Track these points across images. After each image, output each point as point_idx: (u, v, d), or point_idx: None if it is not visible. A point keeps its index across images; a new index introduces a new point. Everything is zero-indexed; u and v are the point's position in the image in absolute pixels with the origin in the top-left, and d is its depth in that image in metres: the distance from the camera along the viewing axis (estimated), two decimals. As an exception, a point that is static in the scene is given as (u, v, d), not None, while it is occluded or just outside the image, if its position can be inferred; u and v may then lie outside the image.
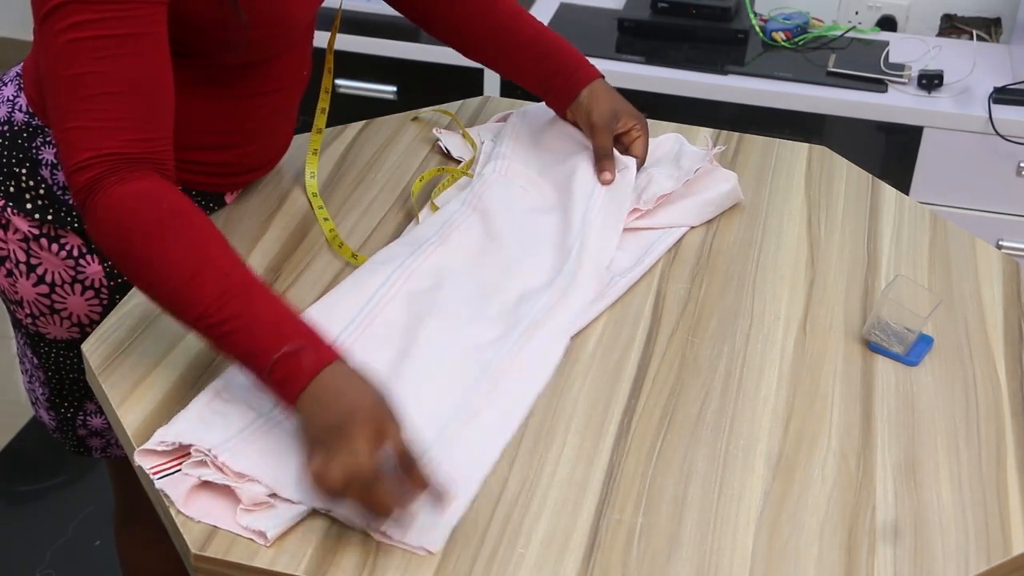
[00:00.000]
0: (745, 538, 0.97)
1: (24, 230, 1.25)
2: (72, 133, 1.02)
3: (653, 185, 1.36)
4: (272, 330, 0.97)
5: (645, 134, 1.39)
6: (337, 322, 1.14)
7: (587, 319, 1.19)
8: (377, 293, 1.17)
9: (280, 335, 0.97)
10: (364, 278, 1.20)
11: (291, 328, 0.98)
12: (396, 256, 1.23)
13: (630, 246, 1.30)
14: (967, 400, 1.13)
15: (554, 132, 1.43)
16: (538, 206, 1.34)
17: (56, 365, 1.35)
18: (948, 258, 1.33)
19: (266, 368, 0.96)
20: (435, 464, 0.98)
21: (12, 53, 3.31)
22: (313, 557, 0.93)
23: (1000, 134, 2.08)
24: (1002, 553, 0.97)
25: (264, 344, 0.97)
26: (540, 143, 1.43)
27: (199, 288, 0.98)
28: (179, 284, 0.99)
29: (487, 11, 1.39)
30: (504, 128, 1.48)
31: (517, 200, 1.34)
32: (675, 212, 1.35)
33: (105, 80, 1.01)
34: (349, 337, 1.13)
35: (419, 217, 1.32)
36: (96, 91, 1.01)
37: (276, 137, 1.33)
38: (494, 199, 1.32)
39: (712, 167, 1.40)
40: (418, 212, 1.33)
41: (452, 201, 1.33)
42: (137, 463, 1.00)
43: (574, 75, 1.38)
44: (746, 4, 2.35)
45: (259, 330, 0.97)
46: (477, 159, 1.42)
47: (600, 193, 1.32)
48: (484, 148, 1.44)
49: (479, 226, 1.28)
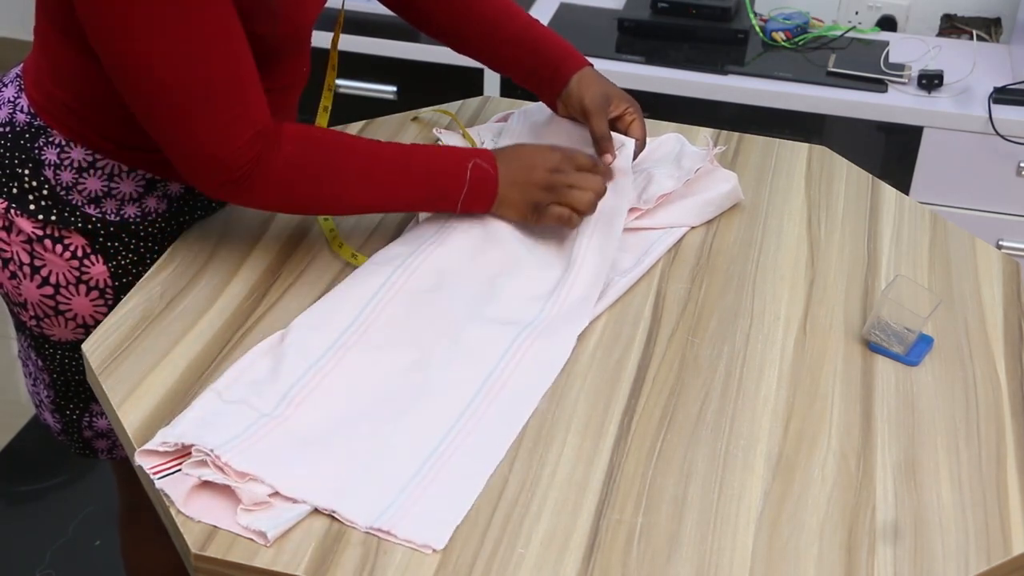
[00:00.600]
0: (745, 538, 0.97)
1: (28, 231, 1.25)
2: (223, 115, 1.10)
3: (653, 185, 1.36)
4: (452, 157, 1.23)
5: (640, 116, 1.39)
6: (337, 323, 1.14)
7: (588, 319, 1.19)
8: (377, 294, 1.17)
9: (458, 159, 1.23)
10: (364, 279, 1.20)
11: (460, 153, 1.24)
12: (396, 256, 1.23)
13: (630, 246, 1.30)
14: (967, 400, 1.13)
15: (554, 127, 1.43)
16: None
17: (61, 367, 1.35)
18: (948, 258, 1.33)
19: (461, 187, 1.23)
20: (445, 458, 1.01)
21: (12, 53, 3.31)
22: (313, 557, 0.93)
23: (1000, 134, 2.08)
24: (1002, 553, 0.97)
25: (453, 169, 1.23)
26: (541, 141, 1.43)
27: (390, 177, 1.20)
28: (377, 191, 1.20)
29: (473, 8, 1.40)
30: (504, 128, 1.48)
31: None
32: (675, 212, 1.35)
33: (231, 61, 1.09)
34: (350, 338, 1.13)
35: (419, 217, 1.32)
36: (228, 74, 1.09)
37: None
38: None
39: (712, 167, 1.40)
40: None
41: None
42: (137, 463, 1.00)
43: (563, 64, 1.38)
44: (746, 4, 2.35)
45: (444, 161, 1.23)
46: None
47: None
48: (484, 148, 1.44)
49: (479, 226, 1.28)
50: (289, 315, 1.18)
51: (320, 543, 0.94)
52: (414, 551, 0.94)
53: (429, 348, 1.12)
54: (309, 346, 1.10)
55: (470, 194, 1.24)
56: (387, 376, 1.09)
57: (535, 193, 1.25)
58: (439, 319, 1.16)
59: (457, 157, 1.23)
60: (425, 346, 1.13)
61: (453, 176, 1.22)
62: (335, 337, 1.12)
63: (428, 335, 1.14)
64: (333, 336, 1.12)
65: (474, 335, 1.14)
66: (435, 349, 1.12)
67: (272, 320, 1.18)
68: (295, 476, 0.98)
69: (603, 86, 1.37)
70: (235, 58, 1.09)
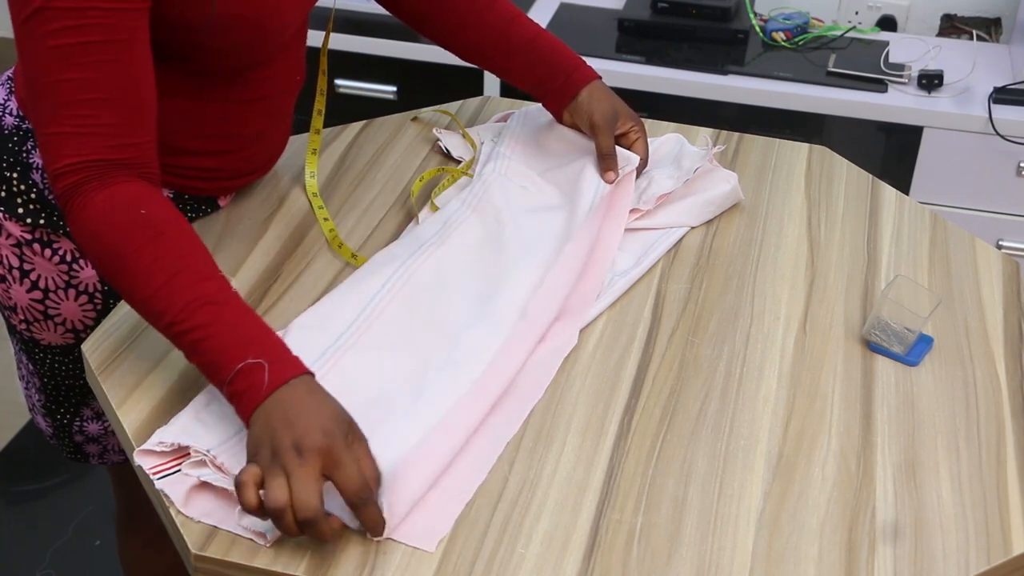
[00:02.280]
0: (745, 538, 0.97)
1: (16, 235, 1.25)
2: (54, 138, 1.02)
3: (653, 185, 1.36)
4: (238, 342, 0.97)
5: (644, 135, 1.39)
6: (336, 324, 1.14)
7: (588, 319, 1.19)
8: (377, 295, 1.17)
9: (245, 348, 0.96)
10: (364, 279, 1.19)
11: (258, 342, 0.97)
12: (396, 257, 1.23)
13: (630, 246, 1.30)
14: (967, 400, 1.13)
15: (555, 133, 1.43)
16: (539, 206, 1.34)
17: (51, 371, 1.35)
18: (948, 258, 1.33)
19: (227, 379, 0.96)
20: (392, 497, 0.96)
21: (12, 53, 3.31)
22: (313, 557, 0.93)
23: (1000, 134, 2.08)
24: (1002, 553, 0.97)
25: (228, 355, 0.96)
26: (541, 143, 1.43)
27: (170, 294, 0.98)
28: (152, 290, 0.99)
29: (479, 17, 1.39)
30: (504, 128, 1.48)
31: (518, 200, 1.34)
32: (675, 212, 1.35)
33: (87, 87, 1.01)
34: (349, 339, 1.12)
35: (419, 217, 1.32)
36: (78, 97, 1.01)
37: (268, 143, 1.32)
38: (494, 199, 1.32)
39: (712, 167, 1.40)
40: (418, 212, 1.33)
41: (452, 201, 1.33)
42: (137, 463, 1.00)
43: (572, 76, 1.38)
44: (746, 4, 2.35)
45: (225, 341, 0.97)
46: (477, 159, 1.42)
47: (603, 193, 1.32)
48: (484, 148, 1.44)
49: (479, 227, 1.28)
50: (289, 315, 1.18)
51: (319, 543, 0.94)
52: (414, 551, 0.94)
53: (429, 349, 1.12)
54: (308, 346, 1.10)
55: (229, 391, 0.98)
56: (386, 377, 1.09)
57: (280, 450, 0.92)
58: (439, 320, 1.16)
59: (242, 345, 0.97)
60: (424, 347, 1.13)
61: (219, 365, 0.97)
62: (334, 338, 1.12)
63: (428, 336, 1.14)
64: (332, 337, 1.12)
65: (474, 336, 1.14)
66: (435, 350, 1.12)
67: (272, 320, 1.18)
68: None
69: (612, 102, 1.37)
70: (94, 85, 1.02)
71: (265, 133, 1.30)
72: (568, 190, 1.35)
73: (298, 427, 0.92)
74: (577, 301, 1.20)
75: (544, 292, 1.20)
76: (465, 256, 1.24)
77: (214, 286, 1.00)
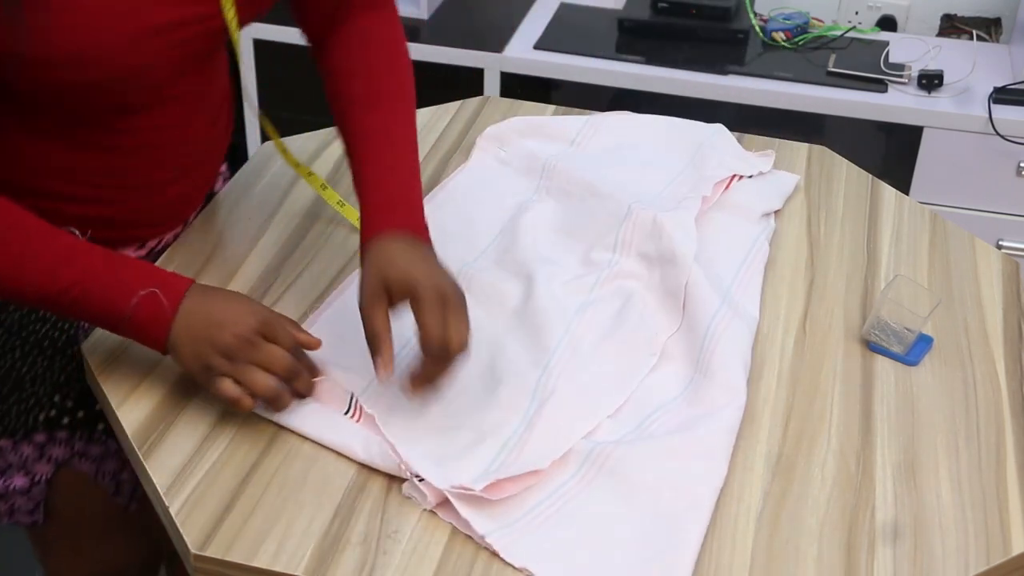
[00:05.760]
0: (745, 538, 0.97)
1: None
2: None
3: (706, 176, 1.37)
4: (117, 283, 0.97)
5: (433, 307, 1.01)
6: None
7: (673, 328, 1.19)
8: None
9: (127, 285, 0.97)
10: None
11: (136, 275, 0.98)
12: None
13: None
14: (967, 400, 1.13)
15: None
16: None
17: None
18: (948, 258, 1.33)
19: (124, 320, 0.96)
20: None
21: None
22: (313, 557, 0.93)
23: (1000, 134, 2.08)
24: (1002, 553, 0.97)
25: (114, 298, 0.96)
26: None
27: (29, 270, 0.97)
28: (9, 274, 0.97)
29: (364, 101, 1.19)
30: (584, 126, 1.50)
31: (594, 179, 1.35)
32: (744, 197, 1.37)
33: None
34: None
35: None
36: None
37: (162, 195, 1.18)
38: (572, 178, 1.36)
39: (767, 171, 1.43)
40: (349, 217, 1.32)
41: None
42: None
43: (373, 220, 1.09)
44: (746, 4, 2.35)
45: (103, 288, 0.97)
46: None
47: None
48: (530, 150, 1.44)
49: (549, 213, 1.33)
50: (289, 315, 1.18)
51: (320, 543, 0.94)
52: (414, 551, 0.94)
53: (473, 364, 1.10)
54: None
55: (132, 327, 0.99)
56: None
57: (210, 355, 0.99)
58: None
59: (132, 280, 0.97)
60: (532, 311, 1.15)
61: (113, 301, 0.97)
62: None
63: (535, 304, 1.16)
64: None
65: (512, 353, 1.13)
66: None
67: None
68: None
69: (391, 268, 1.03)
70: None
71: (154, 185, 1.16)
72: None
73: (226, 321, 0.98)
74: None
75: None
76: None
77: (64, 242, 0.99)
